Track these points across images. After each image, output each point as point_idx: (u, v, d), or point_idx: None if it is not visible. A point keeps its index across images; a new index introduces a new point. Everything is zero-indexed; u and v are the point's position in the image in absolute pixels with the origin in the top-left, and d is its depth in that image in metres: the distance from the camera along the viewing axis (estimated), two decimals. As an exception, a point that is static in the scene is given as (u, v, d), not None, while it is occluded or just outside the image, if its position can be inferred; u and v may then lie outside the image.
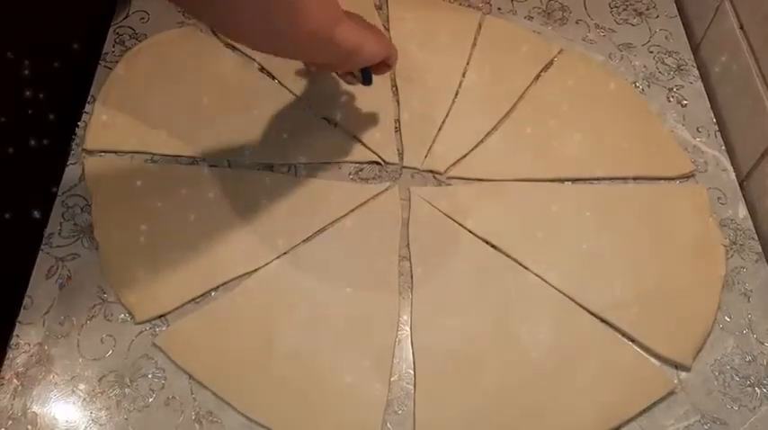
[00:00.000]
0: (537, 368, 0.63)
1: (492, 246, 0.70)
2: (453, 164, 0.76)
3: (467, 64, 0.84)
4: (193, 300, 0.66)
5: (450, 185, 0.75)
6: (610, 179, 0.76)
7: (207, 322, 0.64)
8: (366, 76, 0.71)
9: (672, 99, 0.83)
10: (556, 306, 0.67)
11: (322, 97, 0.80)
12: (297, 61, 0.79)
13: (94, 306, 0.65)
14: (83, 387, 0.60)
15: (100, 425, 0.59)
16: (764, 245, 0.72)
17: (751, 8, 0.79)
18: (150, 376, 0.61)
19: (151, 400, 0.60)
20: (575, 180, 0.76)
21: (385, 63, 0.70)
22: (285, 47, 0.59)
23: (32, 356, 0.62)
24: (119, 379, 0.61)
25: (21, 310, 0.64)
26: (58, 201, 0.71)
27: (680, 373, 0.64)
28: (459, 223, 0.72)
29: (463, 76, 0.83)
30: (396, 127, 0.79)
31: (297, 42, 0.57)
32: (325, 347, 0.63)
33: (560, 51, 0.86)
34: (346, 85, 0.79)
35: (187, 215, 0.70)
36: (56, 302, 0.65)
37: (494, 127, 0.79)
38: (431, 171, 0.76)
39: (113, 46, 0.84)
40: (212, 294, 0.66)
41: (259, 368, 0.62)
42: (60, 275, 0.66)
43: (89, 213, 0.70)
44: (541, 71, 0.84)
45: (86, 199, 0.71)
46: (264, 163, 0.75)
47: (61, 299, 0.65)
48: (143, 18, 0.87)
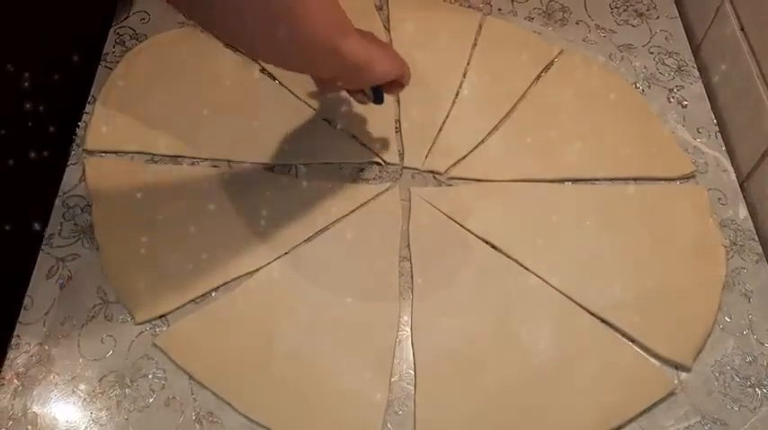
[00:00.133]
0: (537, 368, 0.63)
1: (492, 247, 0.70)
2: (454, 164, 0.76)
3: (467, 64, 0.84)
4: (194, 301, 0.66)
5: (450, 186, 0.75)
6: (610, 180, 0.76)
7: (207, 322, 0.64)
8: (377, 95, 0.69)
9: (672, 100, 0.83)
10: (556, 306, 0.67)
11: (323, 98, 0.80)
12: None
13: (95, 306, 0.65)
14: (83, 387, 0.60)
15: (100, 425, 0.59)
16: (765, 245, 0.72)
17: (751, 9, 0.79)
18: (150, 376, 0.61)
19: (151, 401, 0.60)
20: (575, 180, 0.76)
21: (398, 82, 0.68)
22: (289, 56, 0.57)
23: (33, 356, 0.62)
24: (119, 379, 0.61)
25: (21, 311, 0.64)
26: (59, 201, 0.71)
27: (680, 374, 0.64)
28: (459, 224, 0.72)
29: (464, 77, 0.83)
30: (396, 127, 0.79)
31: (301, 52, 0.56)
32: (325, 348, 0.63)
33: (561, 52, 0.86)
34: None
35: (187, 216, 0.70)
36: (56, 303, 0.65)
37: (494, 127, 0.79)
38: (431, 171, 0.76)
39: (114, 46, 0.84)
40: (213, 294, 0.66)
41: (259, 368, 0.62)
42: (61, 276, 0.66)
43: (89, 214, 0.70)
44: (542, 72, 0.84)
45: (87, 199, 0.71)
46: (265, 163, 0.75)
47: (62, 299, 0.65)
48: (143, 19, 0.87)
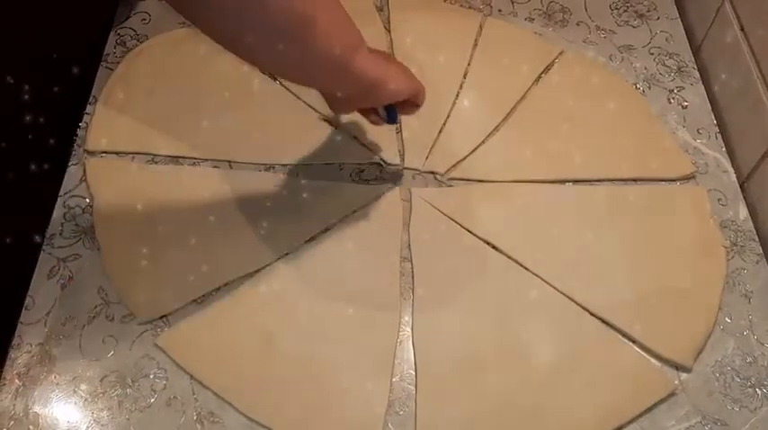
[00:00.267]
0: (538, 369, 0.63)
1: (493, 247, 0.71)
2: (454, 165, 0.76)
3: (468, 65, 0.84)
4: (195, 301, 0.66)
5: (451, 187, 0.75)
6: (610, 180, 0.76)
7: (208, 322, 0.64)
8: (391, 115, 0.67)
9: (672, 101, 0.83)
10: (557, 307, 0.67)
11: (323, 98, 0.80)
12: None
13: (96, 306, 0.65)
14: (84, 387, 0.60)
15: (101, 425, 0.59)
16: (765, 246, 0.72)
17: (752, 10, 0.79)
18: (152, 376, 0.61)
19: (153, 401, 0.60)
20: (576, 181, 0.76)
21: (412, 102, 0.66)
22: (293, 69, 0.56)
23: (34, 356, 0.62)
24: (120, 379, 0.61)
25: (22, 311, 0.64)
26: (60, 201, 0.71)
27: (681, 374, 0.64)
28: (460, 224, 0.72)
29: (464, 78, 0.83)
30: (397, 128, 0.79)
31: (307, 66, 0.54)
32: (326, 348, 0.63)
33: (561, 53, 0.87)
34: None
35: (188, 216, 0.70)
36: (57, 303, 0.65)
37: (495, 128, 0.79)
38: (432, 172, 0.76)
39: (115, 47, 0.84)
40: (214, 295, 0.66)
41: (260, 368, 0.62)
42: (62, 276, 0.66)
43: (90, 214, 0.70)
44: (542, 73, 0.84)
45: (88, 200, 0.71)
46: (266, 164, 0.75)
47: (63, 299, 0.65)
48: (144, 19, 0.87)
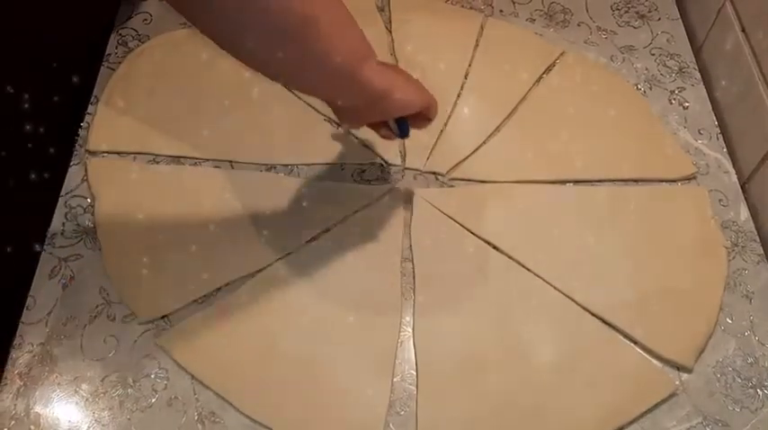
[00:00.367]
0: (539, 369, 0.63)
1: (494, 248, 0.71)
2: (456, 165, 0.76)
3: (469, 66, 0.84)
4: (196, 301, 0.66)
5: (452, 187, 0.75)
6: (611, 181, 0.76)
7: (210, 322, 0.64)
8: (402, 128, 0.64)
9: (673, 101, 0.83)
10: (558, 307, 0.67)
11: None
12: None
13: (97, 306, 0.65)
14: (85, 387, 0.60)
15: (103, 425, 0.59)
16: (766, 246, 0.72)
17: (753, 11, 0.79)
18: (153, 376, 0.61)
19: (154, 400, 0.60)
20: (576, 182, 0.76)
21: (423, 115, 0.64)
22: (299, 76, 0.54)
23: (35, 356, 0.62)
24: (121, 379, 0.61)
25: (24, 311, 0.64)
26: (61, 201, 0.71)
27: (681, 375, 0.64)
28: (461, 224, 0.72)
29: (465, 78, 0.83)
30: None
31: (312, 71, 0.53)
32: (327, 348, 0.64)
33: (562, 53, 0.87)
34: None
35: (190, 216, 0.70)
36: (59, 303, 0.65)
37: (496, 128, 0.79)
38: (433, 172, 0.76)
39: (116, 47, 0.84)
40: (215, 295, 0.66)
41: (261, 368, 0.62)
42: (63, 276, 0.66)
43: (92, 214, 0.70)
44: (543, 73, 0.85)
45: (89, 199, 0.71)
46: (267, 164, 0.75)
47: (64, 299, 0.65)
48: (146, 20, 0.87)
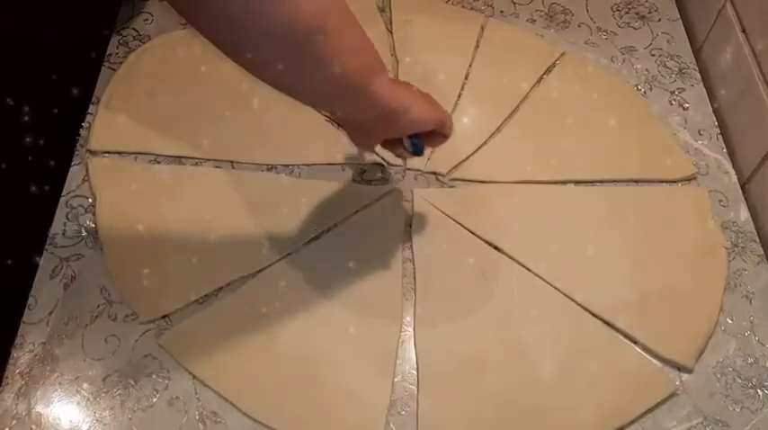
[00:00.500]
0: (539, 369, 0.64)
1: (495, 248, 0.71)
2: (456, 166, 0.76)
3: (469, 66, 0.85)
4: (197, 301, 0.66)
5: (453, 187, 0.75)
6: (612, 181, 0.77)
7: (211, 322, 0.64)
8: (416, 146, 0.63)
9: (674, 102, 0.83)
10: (558, 307, 0.68)
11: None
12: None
13: (98, 306, 0.65)
14: (87, 386, 0.60)
15: (104, 424, 0.59)
16: (766, 247, 0.73)
17: (753, 11, 0.79)
18: (154, 376, 0.61)
19: (155, 400, 0.60)
20: (577, 182, 0.76)
21: (440, 133, 0.62)
22: (306, 87, 0.52)
23: (36, 356, 0.62)
24: (123, 379, 0.61)
25: (25, 310, 0.64)
26: (63, 201, 0.71)
27: (682, 375, 0.64)
28: (462, 225, 0.72)
29: (466, 79, 0.83)
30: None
31: (318, 83, 0.51)
32: (328, 348, 0.64)
33: (563, 54, 0.87)
34: None
35: (191, 216, 0.70)
36: (60, 302, 0.65)
37: (496, 129, 0.79)
38: (434, 173, 0.76)
39: (117, 47, 0.84)
40: (216, 294, 0.66)
41: (262, 368, 0.62)
42: (64, 275, 0.66)
43: (93, 214, 0.70)
44: (544, 74, 0.85)
45: (90, 199, 0.71)
46: (268, 164, 0.75)
47: (65, 299, 0.65)
48: (147, 20, 0.87)
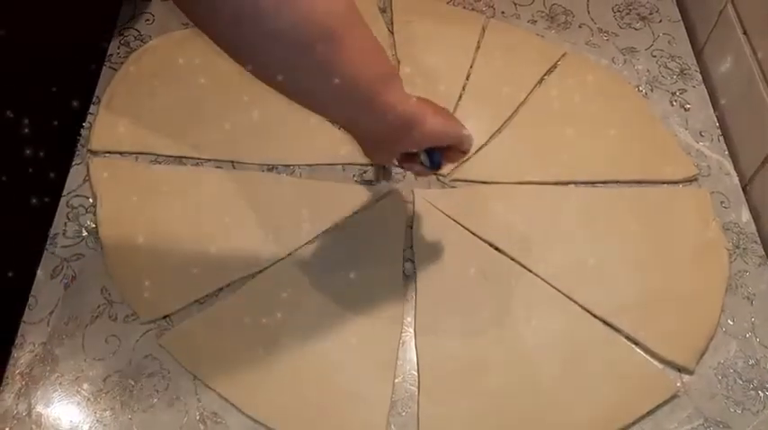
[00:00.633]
0: (540, 370, 0.64)
1: (495, 249, 0.71)
2: (457, 166, 0.76)
3: (470, 67, 0.85)
4: (198, 301, 0.66)
5: (454, 188, 0.75)
6: (613, 182, 0.77)
7: (211, 323, 0.64)
8: (433, 160, 0.60)
9: (675, 103, 0.83)
10: (559, 308, 0.67)
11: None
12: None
13: (99, 306, 0.65)
14: (87, 387, 0.60)
15: (104, 425, 0.59)
16: (767, 248, 0.72)
17: (754, 13, 0.79)
18: (155, 376, 0.61)
19: (155, 401, 0.60)
20: (578, 183, 0.76)
21: (458, 149, 0.60)
22: (315, 96, 0.51)
23: (37, 356, 0.62)
24: (123, 379, 0.61)
25: (25, 310, 0.64)
26: (63, 201, 0.71)
27: (683, 377, 0.64)
28: (462, 225, 0.72)
29: (467, 80, 0.83)
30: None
31: (330, 93, 0.50)
32: (329, 349, 0.63)
33: (563, 55, 0.87)
34: None
35: (192, 216, 0.70)
36: (60, 302, 0.65)
37: (497, 130, 0.79)
38: (434, 173, 0.76)
39: (118, 47, 0.84)
40: (217, 295, 0.66)
41: (263, 369, 0.62)
42: (65, 275, 0.66)
43: (94, 214, 0.70)
44: (545, 75, 0.85)
45: (91, 199, 0.71)
46: (268, 164, 0.75)
47: (66, 299, 0.65)
48: (148, 20, 0.87)
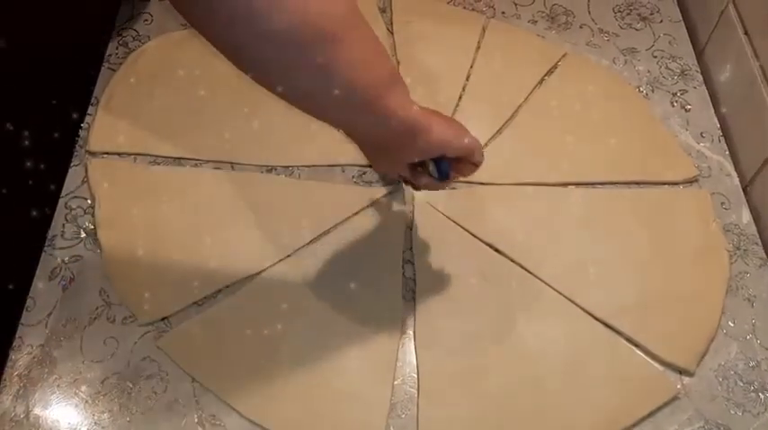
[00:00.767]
0: (540, 372, 0.63)
1: (495, 250, 0.70)
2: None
3: (470, 68, 0.84)
4: (196, 303, 0.65)
5: (453, 189, 0.75)
6: (613, 183, 0.76)
7: (210, 325, 0.64)
8: (441, 169, 0.58)
9: (676, 104, 0.83)
10: (559, 310, 0.67)
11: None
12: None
13: (97, 308, 0.64)
14: (85, 389, 0.60)
15: (102, 427, 0.58)
16: (768, 250, 0.72)
17: (755, 13, 0.79)
18: (153, 379, 0.61)
19: (154, 403, 0.60)
20: (578, 184, 0.76)
21: (468, 160, 0.59)
22: (313, 99, 0.50)
23: (35, 358, 0.61)
24: (121, 381, 0.61)
25: (23, 312, 0.64)
26: (61, 202, 0.71)
27: (683, 378, 0.64)
28: (462, 227, 0.72)
29: (467, 80, 0.83)
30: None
31: (328, 96, 0.48)
32: (328, 350, 0.63)
33: (564, 55, 0.87)
34: None
35: (190, 217, 0.70)
36: (58, 304, 0.64)
37: (498, 131, 0.79)
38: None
39: (117, 48, 0.84)
40: (216, 297, 0.66)
41: (262, 371, 0.62)
42: (63, 277, 0.66)
43: (92, 215, 0.70)
44: (545, 75, 0.84)
45: (89, 201, 0.71)
46: (267, 165, 0.75)
47: (64, 300, 0.65)
48: (147, 20, 0.87)
